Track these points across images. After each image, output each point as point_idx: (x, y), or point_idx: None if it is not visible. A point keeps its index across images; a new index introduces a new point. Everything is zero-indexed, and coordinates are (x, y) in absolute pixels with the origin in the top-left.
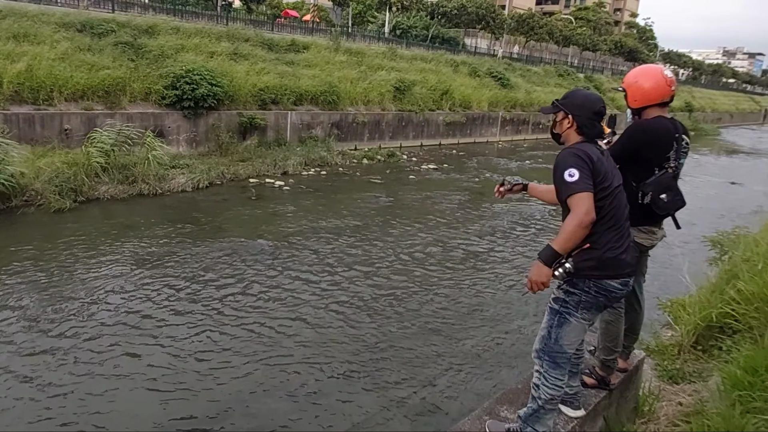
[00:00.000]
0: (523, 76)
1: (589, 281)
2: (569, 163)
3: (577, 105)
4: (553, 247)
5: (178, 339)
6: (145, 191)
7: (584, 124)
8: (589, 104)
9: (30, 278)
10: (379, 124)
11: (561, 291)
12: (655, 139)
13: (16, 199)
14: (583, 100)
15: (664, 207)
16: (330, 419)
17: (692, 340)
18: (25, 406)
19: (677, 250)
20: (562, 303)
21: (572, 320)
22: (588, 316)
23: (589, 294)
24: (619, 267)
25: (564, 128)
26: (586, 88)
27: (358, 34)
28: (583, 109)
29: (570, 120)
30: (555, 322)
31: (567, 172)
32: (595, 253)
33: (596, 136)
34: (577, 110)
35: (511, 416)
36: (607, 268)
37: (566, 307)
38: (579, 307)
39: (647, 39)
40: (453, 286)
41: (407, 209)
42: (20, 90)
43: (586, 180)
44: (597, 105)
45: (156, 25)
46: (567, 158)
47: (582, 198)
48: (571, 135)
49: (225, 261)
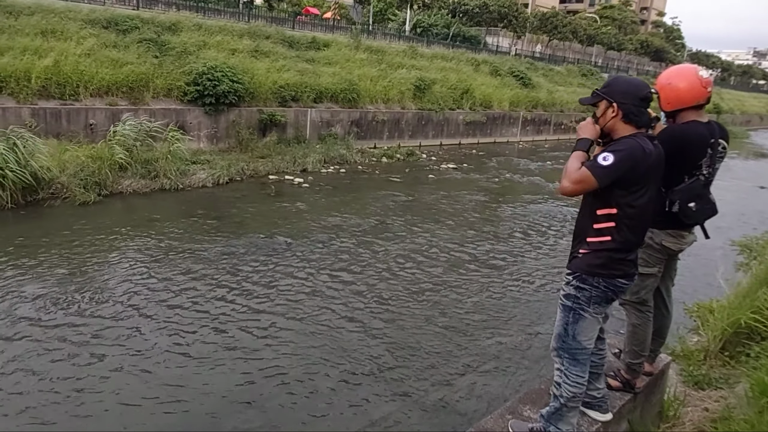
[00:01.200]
0: (545, 76)
1: (599, 278)
2: (616, 147)
3: (621, 91)
4: (584, 136)
5: (196, 333)
6: (167, 186)
7: (631, 111)
8: (634, 89)
9: (57, 268)
10: (398, 122)
11: (571, 287)
12: (686, 146)
13: (43, 191)
14: (626, 86)
15: (692, 216)
16: (347, 417)
17: (719, 345)
18: (48, 389)
19: (705, 255)
20: (574, 299)
21: (586, 315)
22: (600, 310)
23: (599, 289)
24: (626, 267)
25: (608, 119)
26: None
27: (379, 32)
28: (628, 95)
29: (615, 108)
30: (570, 318)
31: (605, 154)
32: (606, 254)
33: (645, 125)
34: (621, 97)
35: (534, 416)
36: (615, 268)
37: (579, 303)
38: (591, 302)
39: (674, 39)
40: (470, 286)
41: (426, 208)
42: (47, 85)
43: (609, 175)
44: (643, 90)
45: (179, 22)
46: (620, 144)
47: (590, 179)
48: (617, 125)
49: (244, 256)
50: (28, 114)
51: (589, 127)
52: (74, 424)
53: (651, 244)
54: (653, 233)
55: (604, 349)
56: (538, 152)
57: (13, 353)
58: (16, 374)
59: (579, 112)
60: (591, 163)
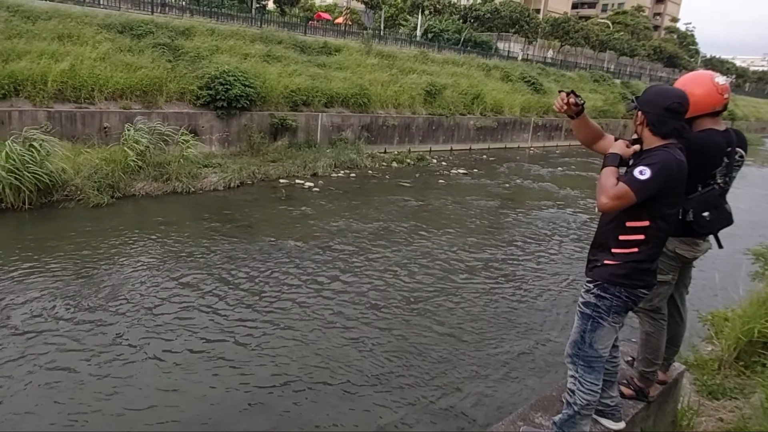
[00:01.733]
0: (557, 81)
1: (621, 288)
2: (650, 162)
3: (648, 100)
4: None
5: (202, 336)
6: (179, 189)
7: (652, 121)
8: (659, 99)
9: (70, 269)
10: (409, 127)
11: (591, 296)
12: (700, 155)
13: (57, 193)
14: (653, 95)
15: (706, 225)
16: (354, 422)
17: (734, 355)
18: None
19: (720, 263)
20: (594, 308)
21: (605, 324)
22: (618, 319)
23: (620, 299)
24: (649, 277)
25: (636, 125)
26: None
27: (390, 37)
28: (653, 104)
29: (640, 117)
30: (588, 326)
31: (640, 168)
32: (631, 264)
33: (668, 135)
34: (647, 106)
35: (546, 423)
36: (638, 278)
37: (598, 312)
38: (611, 312)
39: (688, 44)
40: (481, 293)
41: (436, 214)
42: (63, 89)
43: (648, 190)
44: (669, 100)
45: (192, 27)
46: (652, 158)
47: (628, 195)
48: (645, 134)
49: (255, 260)
50: (44, 117)
51: (620, 145)
52: (76, 419)
53: (665, 251)
54: (667, 241)
55: (618, 356)
56: (549, 158)
57: (24, 346)
58: (25, 366)
59: (591, 119)
60: (628, 178)
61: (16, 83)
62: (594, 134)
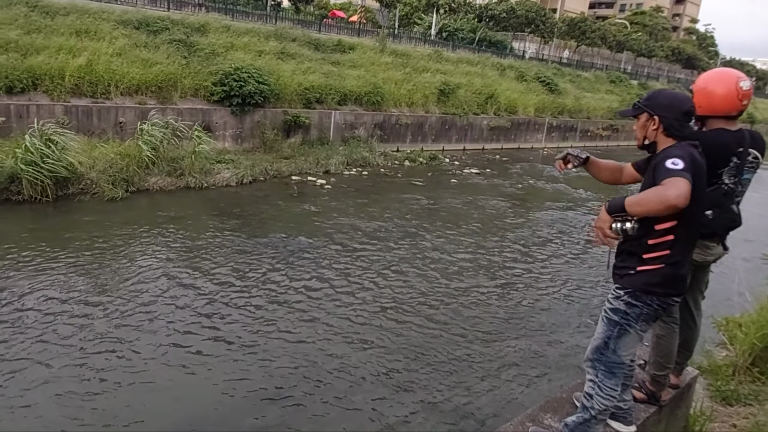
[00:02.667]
0: (572, 82)
1: (653, 296)
2: (675, 153)
3: (664, 105)
4: (625, 200)
5: (217, 328)
6: (192, 184)
7: (671, 125)
8: (677, 103)
9: (85, 260)
10: (422, 126)
11: (621, 302)
12: (707, 155)
13: (73, 187)
14: (670, 99)
15: (709, 224)
16: (363, 419)
17: (748, 360)
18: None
19: (735, 268)
20: (622, 315)
21: (632, 331)
22: (646, 327)
23: (651, 307)
24: (682, 284)
25: (649, 131)
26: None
27: (404, 35)
28: (671, 109)
29: (656, 122)
30: (615, 333)
31: (671, 160)
32: (665, 270)
33: (687, 138)
34: (664, 111)
35: (555, 424)
36: (671, 286)
37: (627, 319)
38: (640, 320)
39: (707, 46)
40: (492, 293)
41: (448, 213)
42: (80, 83)
43: (690, 172)
44: (686, 104)
45: (208, 24)
46: (673, 150)
47: (680, 180)
48: (660, 138)
49: (266, 256)
50: (61, 111)
51: (603, 217)
52: (79, 411)
53: None
54: None
55: (634, 361)
56: None
57: (36, 333)
58: (35, 345)
59: (606, 120)
60: (667, 171)
61: (34, 77)
62: (611, 172)
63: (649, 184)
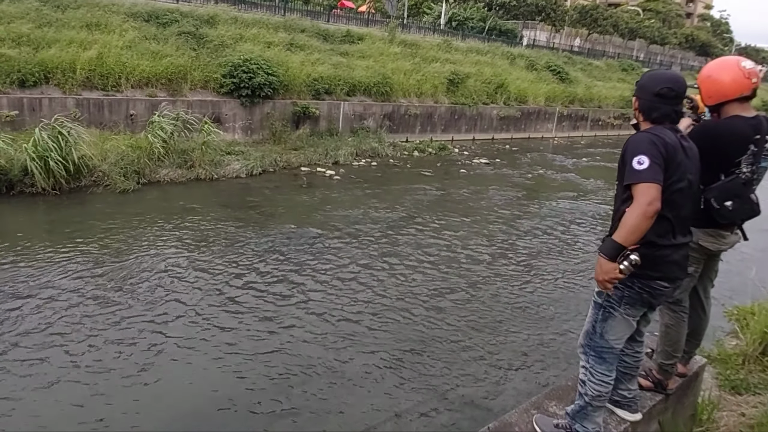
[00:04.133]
0: (583, 70)
1: (633, 278)
2: (641, 149)
3: (642, 85)
4: (616, 240)
5: (227, 319)
6: (202, 176)
7: (643, 106)
8: (650, 84)
9: (97, 251)
10: (431, 116)
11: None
12: (722, 143)
13: (85, 179)
14: (646, 80)
15: (727, 215)
16: (372, 407)
17: (759, 349)
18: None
19: (748, 256)
20: (605, 297)
21: (616, 314)
22: (632, 312)
23: (632, 290)
24: (667, 268)
25: (635, 111)
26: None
27: (414, 25)
28: (644, 90)
29: (634, 102)
30: (599, 316)
31: (637, 158)
32: (639, 251)
33: (659, 120)
34: (639, 91)
35: (560, 412)
36: (651, 267)
37: (609, 302)
38: (622, 302)
39: (722, 33)
40: (500, 283)
41: (457, 203)
42: (91, 76)
43: (656, 170)
44: (658, 85)
45: (216, 15)
46: (640, 143)
47: (647, 188)
48: (640, 119)
49: (275, 246)
50: (73, 104)
51: (607, 267)
52: (92, 402)
53: None
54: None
55: (641, 352)
56: (573, 149)
57: (51, 321)
58: (51, 335)
59: (617, 108)
60: (634, 176)
61: (46, 71)
62: None
63: (621, 164)
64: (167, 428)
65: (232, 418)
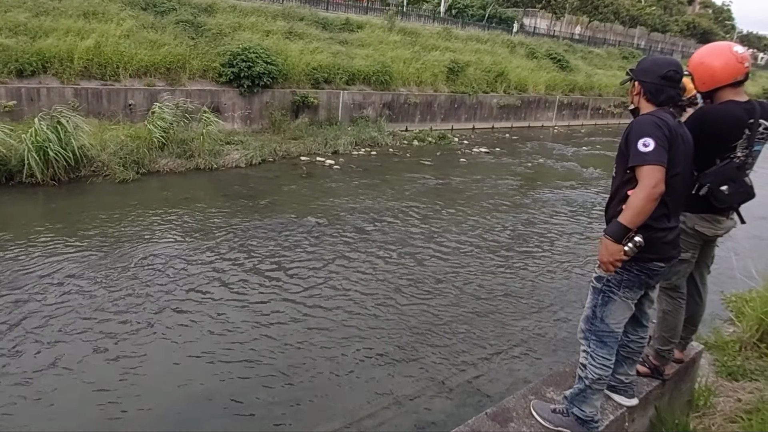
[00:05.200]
0: (584, 59)
1: (631, 261)
2: (646, 131)
3: (644, 69)
4: (621, 222)
5: (227, 308)
6: (201, 166)
7: (649, 89)
8: (656, 68)
9: (97, 241)
10: (431, 105)
11: (602, 269)
12: (718, 129)
13: (85, 169)
14: (650, 64)
15: (724, 200)
16: (371, 394)
17: (756, 336)
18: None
19: (745, 244)
20: (604, 282)
21: (616, 298)
22: (631, 295)
23: (631, 273)
24: (663, 249)
25: (633, 96)
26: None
27: (413, 13)
28: (649, 73)
29: (636, 87)
30: (599, 301)
31: (642, 141)
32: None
33: (665, 103)
34: (642, 75)
35: (558, 397)
36: (649, 251)
37: (609, 286)
38: (621, 286)
39: (723, 20)
40: (500, 271)
41: (456, 192)
42: (89, 66)
43: (661, 153)
44: (664, 68)
45: (215, 3)
46: (645, 125)
47: (653, 170)
48: (642, 103)
49: (275, 236)
50: (71, 94)
51: (613, 248)
52: (93, 392)
53: (684, 228)
54: (686, 217)
55: (645, 337)
56: (574, 137)
57: (50, 312)
58: (48, 326)
59: (618, 97)
60: (640, 158)
61: (44, 60)
62: None
63: (623, 147)
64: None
65: (236, 409)
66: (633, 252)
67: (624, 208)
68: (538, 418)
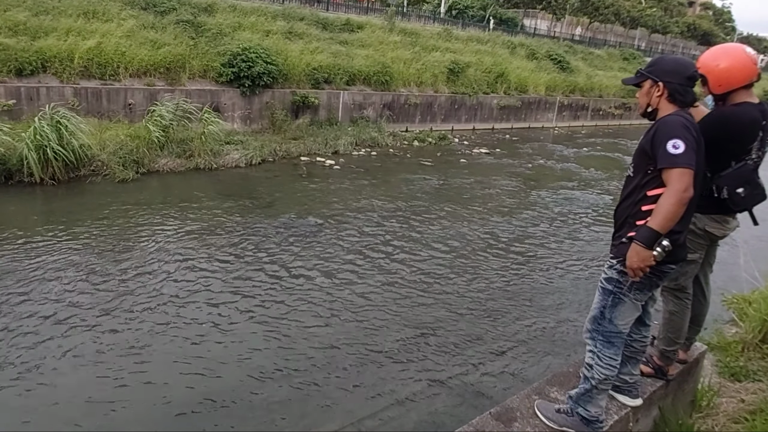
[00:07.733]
0: (584, 60)
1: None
2: (676, 132)
3: (668, 70)
4: (652, 227)
5: (225, 308)
6: (201, 165)
7: (676, 90)
8: (681, 68)
9: (96, 241)
10: (431, 106)
11: (614, 271)
12: (737, 130)
13: (84, 168)
14: (674, 65)
15: (740, 202)
16: (373, 394)
17: (758, 337)
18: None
19: (749, 245)
20: (615, 283)
21: (626, 300)
22: (641, 296)
23: (644, 276)
24: (676, 251)
25: (653, 98)
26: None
27: (413, 14)
28: (675, 74)
29: (661, 88)
30: (609, 302)
31: (672, 142)
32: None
33: (690, 104)
34: (668, 76)
35: (561, 397)
36: (667, 253)
37: (620, 288)
38: (632, 288)
39: (724, 21)
40: (501, 272)
41: (457, 193)
42: (89, 65)
43: (691, 155)
44: (690, 69)
45: (215, 3)
46: (674, 126)
47: (683, 174)
48: (663, 104)
49: (274, 236)
50: (71, 93)
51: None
52: (95, 388)
53: (693, 229)
54: (696, 218)
55: (648, 336)
56: (574, 138)
57: (50, 312)
58: (50, 326)
59: (618, 98)
60: (670, 161)
61: (43, 60)
62: None
63: (647, 147)
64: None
65: (236, 409)
66: (661, 257)
67: (653, 213)
68: (543, 418)
